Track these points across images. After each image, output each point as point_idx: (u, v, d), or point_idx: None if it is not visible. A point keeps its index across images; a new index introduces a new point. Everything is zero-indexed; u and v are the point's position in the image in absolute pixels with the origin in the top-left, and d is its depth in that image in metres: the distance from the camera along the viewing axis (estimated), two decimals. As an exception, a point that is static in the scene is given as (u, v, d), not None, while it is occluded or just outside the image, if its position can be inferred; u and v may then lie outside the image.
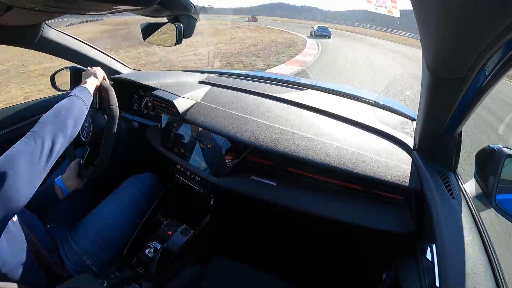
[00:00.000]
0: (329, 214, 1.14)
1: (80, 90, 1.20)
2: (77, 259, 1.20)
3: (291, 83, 1.90)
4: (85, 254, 1.22)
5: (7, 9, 0.99)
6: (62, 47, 1.62)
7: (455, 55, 0.63)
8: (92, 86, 1.28)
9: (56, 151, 0.98)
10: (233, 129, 1.33)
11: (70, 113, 1.07)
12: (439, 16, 0.53)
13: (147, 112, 1.89)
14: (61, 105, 1.08)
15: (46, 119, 1.01)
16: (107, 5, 0.84)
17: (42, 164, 0.92)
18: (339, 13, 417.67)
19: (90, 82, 1.28)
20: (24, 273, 0.97)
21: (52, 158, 0.96)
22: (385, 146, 1.24)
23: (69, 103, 1.11)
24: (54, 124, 1.00)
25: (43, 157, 0.93)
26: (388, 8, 0.97)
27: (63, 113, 1.05)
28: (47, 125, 0.99)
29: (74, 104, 1.11)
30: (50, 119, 1.01)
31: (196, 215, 1.59)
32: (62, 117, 1.04)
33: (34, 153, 0.91)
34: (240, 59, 12.61)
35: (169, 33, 1.26)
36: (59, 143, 0.99)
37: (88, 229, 1.28)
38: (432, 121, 0.97)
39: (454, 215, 0.85)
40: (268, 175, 1.29)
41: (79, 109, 1.12)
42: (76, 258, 1.20)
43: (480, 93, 0.73)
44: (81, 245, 1.23)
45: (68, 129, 1.04)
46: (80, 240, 1.24)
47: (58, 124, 1.01)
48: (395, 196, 1.14)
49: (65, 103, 1.10)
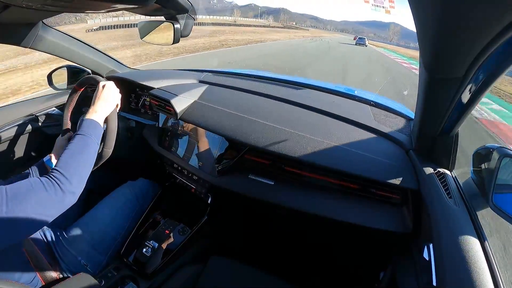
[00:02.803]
0: (326, 213, 1.14)
1: (91, 125, 1.07)
2: (72, 260, 1.20)
3: (289, 82, 1.90)
4: (80, 254, 1.22)
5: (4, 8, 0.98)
6: (59, 46, 1.61)
7: (452, 55, 0.63)
8: (103, 116, 1.15)
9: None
10: (230, 128, 1.33)
11: (86, 162, 1.00)
12: (436, 16, 0.53)
13: (144, 111, 1.88)
14: (74, 151, 0.99)
15: (62, 164, 0.93)
16: (105, 4, 0.83)
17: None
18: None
19: (101, 111, 1.14)
20: (19, 274, 0.97)
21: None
22: (383, 146, 1.24)
23: (82, 148, 1.01)
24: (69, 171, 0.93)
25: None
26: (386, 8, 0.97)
27: (77, 160, 0.97)
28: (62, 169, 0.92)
29: (89, 149, 1.03)
30: (65, 165, 0.94)
31: (194, 214, 1.59)
32: (76, 164, 0.96)
33: (47, 198, 0.85)
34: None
35: (167, 32, 1.26)
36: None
37: (83, 230, 1.27)
38: (429, 121, 0.97)
39: (451, 215, 0.86)
40: (265, 174, 1.29)
41: (93, 153, 1.05)
42: (71, 258, 1.20)
43: (477, 93, 0.74)
44: (76, 245, 1.23)
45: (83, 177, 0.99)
46: (75, 241, 1.24)
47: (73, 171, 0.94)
48: (392, 196, 1.14)
49: (77, 148, 1.00)
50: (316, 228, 1.52)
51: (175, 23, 1.20)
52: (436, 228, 0.84)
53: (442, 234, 0.81)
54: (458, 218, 0.84)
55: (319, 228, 1.51)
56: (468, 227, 0.81)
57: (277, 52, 20.12)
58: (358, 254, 1.53)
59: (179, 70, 2.18)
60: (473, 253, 0.73)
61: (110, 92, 1.19)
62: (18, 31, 1.35)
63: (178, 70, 2.20)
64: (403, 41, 46.99)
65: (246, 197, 1.28)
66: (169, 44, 1.28)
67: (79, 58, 1.77)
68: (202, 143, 1.46)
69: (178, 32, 1.22)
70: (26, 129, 1.69)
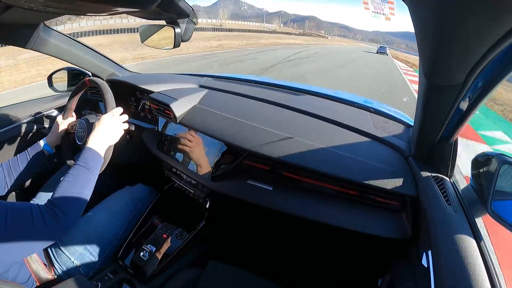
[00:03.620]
0: (325, 220, 1.14)
1: (92, 157, 1.07)
2: (65, 261, 1.20)
3: (289, 88, 1.90)
4: (73, 255, 1.22)
5: (5, 8, 0.98)
6: (60, 48, 1.62)
7: (451, 62, 0.64)
8: (105, 147, 1.14)
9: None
10: (230, 133, 1.33)
11: (85, 196, 1.00)
12: (435, 23, 0.54)
13: (144, 115, 1.89)
14: (74, 184, 0.98)
15: (61, 198, 0.94)
16: (105, 7, 0.84)
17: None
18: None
19: (103, 142, 1.13)
20: (15, 273, 0.97)
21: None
22: (382, 152, 1.24)
23: (83, 183, 1.00)
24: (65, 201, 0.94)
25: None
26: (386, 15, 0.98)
27: (77, 194, 0.97)
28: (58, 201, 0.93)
29: (89, 184, 1.02)
30: (65, 199, 0.94)
31: (192, 219, 1.58)
32: (76, 198, 0.97)
33: (43, 230, 0.87)
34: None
35: (167, 36, 1.26)
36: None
37: (77, 232, 1.27)
38: (428, 127, 0.98)
39: (450, 221, 0.85)
40: (264, 180, 1.29)
41: (92, 186, 1.04)
42: (64, 259, 1.20)
43: (477, 100, 0.74)
44: (70, 247, 1.23)
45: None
46: (69, 242, 1.23)
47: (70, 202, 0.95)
48: (391, 202, 1.14)
49: (78, 182, 0.99)
50: (315, 234, 1.52)
51: (176, 27, 1.21)
52: (435, 234, 0.84)
53: (441, 240, 0.81)
54: (457, 225, 0.84)
55: (317, 234, 1.51)
56: (467, 233, 0.81)
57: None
58: (357, 260, 1.53)
59: (179, 75, 2.18)
60: (471, 259, 0.73)
61: (119, 124, 1.20)
62: (19, 32, 1.36)
63: (179, 74, 2.21)
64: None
65: (244, 202, 1.28)
66: (170, 48, 1.28)
67: (80, 61, 1.77)
68: (201, 148, 1.46)
69: (178, 36, 1.22)
70: (25, 130, 1.69)
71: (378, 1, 0.93)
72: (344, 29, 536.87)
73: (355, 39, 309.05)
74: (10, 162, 1.22)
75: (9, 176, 1.20)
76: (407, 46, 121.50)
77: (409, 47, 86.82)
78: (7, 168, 1.20)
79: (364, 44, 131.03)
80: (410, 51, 58.97)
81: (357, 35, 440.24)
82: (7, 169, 1.20)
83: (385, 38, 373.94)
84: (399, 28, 56.43)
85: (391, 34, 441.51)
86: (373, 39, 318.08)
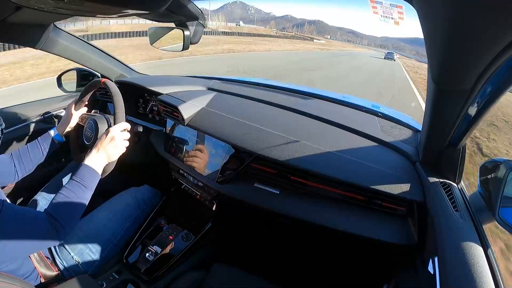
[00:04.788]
0: (331, 224, 1.13)
1: (89, 175, 1.07)
2: (66, 256, 1.22)
3: (297, 91, 1.90)
4: (73, 251, 1.24)
5: (16, 9, 1.00)
6: (70, 49, 1.64)
7: (460, 67, 0.63)
8: (104, 164, 1.14)
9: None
10: (237, 136, 1.33)
11: (80, 210, 1.04)
12: (445, 29, 0.53)
13: (152, 116, 1.90)
14: (69, 198, 1.01)
15: (57, 208, 0.98)
16: (115, 9, 0.84)
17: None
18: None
19: (103, 159, 1.13)
20: (18, 266, 1.01)
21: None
22: (389, 157, 1.23)
23: (78, 199, 1.02)
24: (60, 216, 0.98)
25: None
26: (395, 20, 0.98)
27: (72, 208, 1.02)
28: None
29: (84, 200, 1.05)
30: (61, 212, 0.98)
31: (198, 221, 1.59)
32: (71, 212, 1.02)
33: (41, 236, 0.93)
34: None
35: (176, 38, 1.27)
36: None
37: (79, 229, 1.29)
38: (436, 133, 0.97)
39: (457, 228, 0.85)
40: (271, 183, 1.29)
41: (87, 201, 1.06)
42: (66, 255, 1.22)
43: (485, 106, 0.73)
44: (71, 243, 1.25)
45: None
46: (70, 238, 1.26)
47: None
48: (397, 207, 1.13)
49: (73, 197, 1.01)
50: (320, 238, 1.51)
51: (185, 30, 1.22)
52: (442, 241, 0.83)
53: (447, 247, 0.80)
54: (464, 232, 0.83)
55: (323, 238, 1.50)
56: (474, 240, 0.80)
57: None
58: (362, 266, 1.52)
59: (188, 77, 2.19)
60: (478, 267, 0.72)
61: (122, 141, 1.18)
62: (29, 32, 1.38)
63: (187, 76, 2.22)
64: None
65: (251, 205, 1.28)
66: (178, 51, 1.29)
67: (89, 62, 1.79)
68: (208, 150, 1.46)
69: (187, 39, 1.23)
70: (34, 129, 1.71)
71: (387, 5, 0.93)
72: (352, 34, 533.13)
73: (362, 44, 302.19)
74: (20, 151, 1.25)
75: (19, 165, 1.23)
76: (418, 52, 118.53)
77: (419, 54, 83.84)
78: (17, 157, 1.23)
79: (368, 49, 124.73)
80: (422, 58, 56.80)
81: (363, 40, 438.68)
82: (17, 157, 1.23)
83: (395, 44, 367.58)
84: (409, 34, 53.77)
85: (401, 40, 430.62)
86: (382, 45, 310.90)
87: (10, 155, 1.23)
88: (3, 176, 1.19)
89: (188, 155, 1.52)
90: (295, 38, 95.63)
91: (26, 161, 1.25)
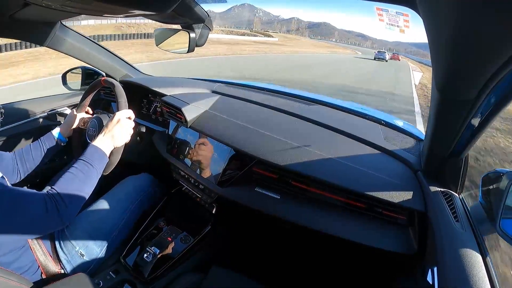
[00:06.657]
0: (331, 231, 1.13)
1: (97, 155, 1.07)
2: (71, 249, 1.22)
3: (301, 97, 1.90)
4: (78, 243, 1.23)
5: (24, 5, 1.01)
6: (76, 47, 1.65)
7: (465, 77, 0.63)
8: (111, 147, 1.13)
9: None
10: (239, 140, 1.34)
11: (85, 192, 1.01)
12: (450, 38, 0.53)
13: (155, 117, 1.90)
14: (75, 178, 0.99)
15: (63, 188, 0.95)
16: (122, 9, 0.85)
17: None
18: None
19: (111, 142, 1.12)
20: (15, 258, 1.00)
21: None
22: (391, 165, 1.23)
23: (84, 178, 1.01)
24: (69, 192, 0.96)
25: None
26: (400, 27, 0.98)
27: (77, 189, 0.99)
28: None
29: (91, 181, 1.03)
30: (66, 190, 0.96)
31: (197, 223, 1.58)
32: (76, 192, 0.98)
33: (43, 216, 0.89)
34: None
35: (182, 40, 1.27)
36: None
37: (82, 219, 1.30)
38: (439, 142, 0.97)
39: (457, 238, 0.84)
40: (272, 188, 1.29)
41: (94, 184, 1.05)
42: (70, 247, 1.22)
43: (489, 116, 0.73)
44: (74, 234, 1.25)
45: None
46: (74, 230, 1.26)
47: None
48: (398, 216, 1.12)
49: (79, 176, 1.00)
50: (320, 244, 1.51)
51: (191, 32, 1.22)
52: (442, 251, 0.83)
53: (447, 257, 0.80)
54: (464, 242, 0.83)
55: (322, 245, 1.50)
56: (474, 251, 0.79)
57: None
58: (361, 274, 1.51)
59: (192, 79, 2.20)
60: (477, 278, 0.71)
61: (128, 127, 1.18)
62: (36, 29, 1.39)
63: (192, 78, 2.23)
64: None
65: (251, 209, 1.28)
66: (184, 53, 1.30)
67: (95, 60, 1.80)
68: (210, 153, 1.46)
69: (193, 41, 1.23)
70: (38, 126, 1.72)
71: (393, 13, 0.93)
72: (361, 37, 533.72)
73: (365, 47, 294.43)
74: (23, 150, 1.25)
75: (21, 164, 1.23)
76: (429, 58, 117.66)
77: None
78: (19, 156, 1.23)
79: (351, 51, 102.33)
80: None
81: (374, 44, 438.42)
82: (20, 156, 1.23)
83: (408, 49, 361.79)
84: (423, 39, 55.11)
85: (413, 45, 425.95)
86: (393, 49, 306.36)
87: (13, 154, 1.23)
88: (7, 174, 1.19)
89: (190, 157, 1.53)
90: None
91: (29, 160, 1.25)
